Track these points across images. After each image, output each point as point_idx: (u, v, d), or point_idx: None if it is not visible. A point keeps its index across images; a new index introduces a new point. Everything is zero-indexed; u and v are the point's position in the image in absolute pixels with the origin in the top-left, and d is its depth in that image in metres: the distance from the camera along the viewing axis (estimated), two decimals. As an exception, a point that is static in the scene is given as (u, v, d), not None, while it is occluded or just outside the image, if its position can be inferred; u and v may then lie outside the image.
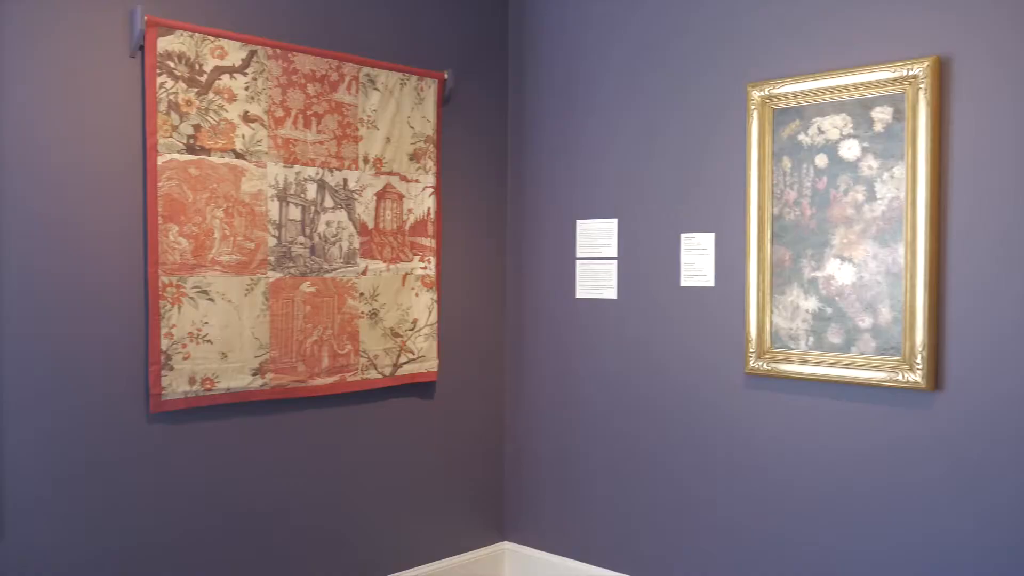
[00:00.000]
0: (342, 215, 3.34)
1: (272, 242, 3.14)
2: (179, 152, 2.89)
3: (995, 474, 2.65)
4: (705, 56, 3.31)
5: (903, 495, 2.84)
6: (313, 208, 3.25)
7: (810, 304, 3.00)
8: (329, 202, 3.30)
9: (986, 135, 2.67)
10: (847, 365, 2.92)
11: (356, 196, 3.38)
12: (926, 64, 2.72)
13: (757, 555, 3.19)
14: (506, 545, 4.00)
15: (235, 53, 3.02)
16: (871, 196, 2.86)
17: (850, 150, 2.90)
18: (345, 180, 3.34)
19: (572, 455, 3.76)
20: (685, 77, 3.37)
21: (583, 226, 3.70)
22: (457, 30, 3.77)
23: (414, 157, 3.56)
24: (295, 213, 3.20)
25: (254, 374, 3.09)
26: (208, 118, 2.96)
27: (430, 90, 3.60)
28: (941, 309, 2.75)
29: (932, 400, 2.77)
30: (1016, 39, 2.60)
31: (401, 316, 3.53)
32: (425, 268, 3.61)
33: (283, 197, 3.16)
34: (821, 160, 2.97)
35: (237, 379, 3.05)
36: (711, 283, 3.30)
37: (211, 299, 2.97)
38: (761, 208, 3.10)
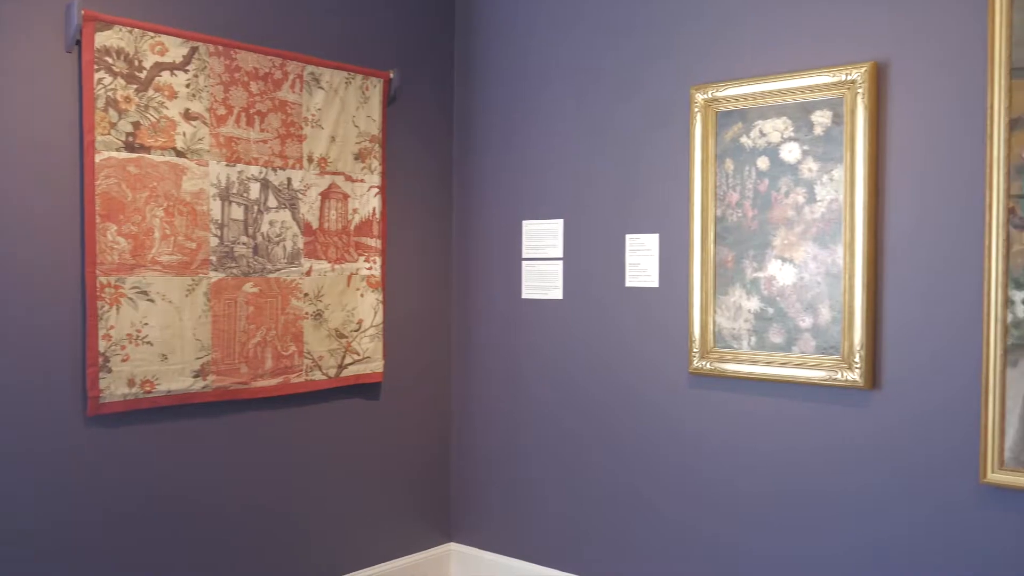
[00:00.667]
0: (286, 215, 3.30)
1: (214, 242, 3.09)
2: (118, 150, 2.83)
3: (929, 471, 2.72)
4: (650, 59, 3.34)
5: (843, 493, 2.89)
6: (256, 208, 3.21)
7: (752, 304, 3.05)
8: (273, 202, 3.26)
9: (921, 138, 2.73)
10: (788, 364, 2.97)
11: (300, 196, 3.34)
12: (864, 69, 2.78)
13: (701, 555, 3.22)
14: (452, 546, 4.00)
15: (176, 49, 2.97)
16: (811, 198, 2.91)
17: (791, 153, 2.96)
18: (289, 179, 3.31)
19: (518, 455, 3.77)
20: (630, 79, 3.40)
21: (529, 227, 3.71)
22: (403, 30, 3.75)
23: (359, 157, 3.54)
24: (238, 212, 3.16)
25: (195, 376, 3.04)
26: (148, 115, 2.90)
27: (375, 89, 3.58)
28: (878, 309, 2.82)
29: (869, 398, 2.83)
30: (948, 45, 2.67)
31: (346, 317, 3.50)
32: (370, 268, 3.58)
33: (225, 196, 3.12)
34: (763, 162, 3.02)
35: (178, 381, 2.99)
36: (656, 284, 3.33)
37: (151, 300, 2.92)
38: (704, 209, 3.14)
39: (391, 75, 3.63)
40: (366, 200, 3.57)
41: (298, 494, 3.42)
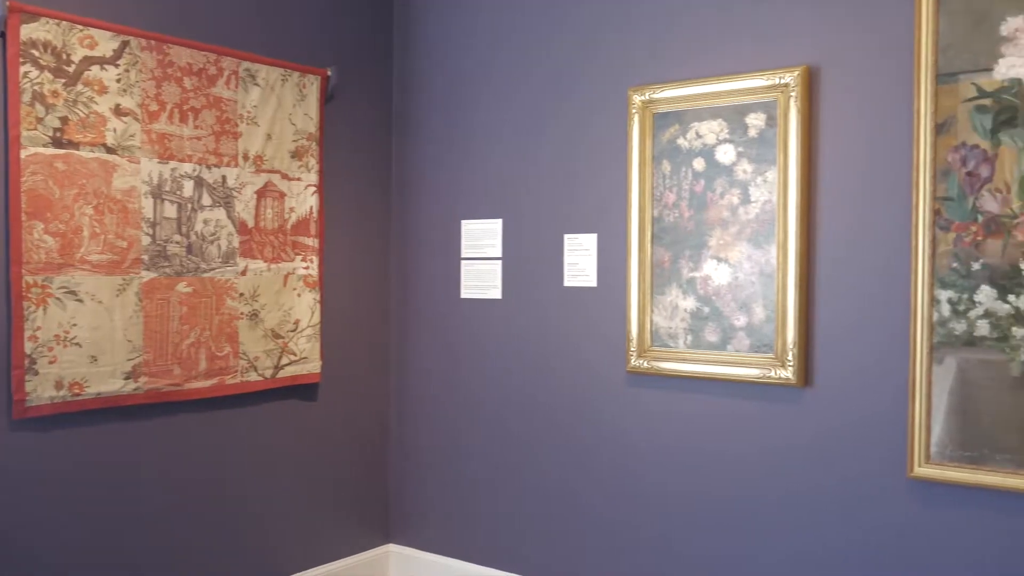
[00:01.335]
0: (220, 213, 3.25)
1: (146, 240, 3.02)
2: (44, 145, 2.76)
3: (860, 465, 2.79)
4: (588, 60, 3.37)
5: (776, 489, 2.95)
6: (190, 206, 3.15)
7: (688, 304, 3.09)
8: (207, 200, 3.20)
9: (851, 141, 2.80)
10: (723, 363, 3.01)
11: (235, 194, 3.29)
12: (796, 73, 2.84)
13: (638, 556, 3.26)
14: (391, 547, 3.97)
15: (106, 43, 2.90)
16: (745, 199, 2.96)
17: (726, 154, 3.00)
18: (224, 177, 3.25)
19: (458, 456, 3.76)
20: (569, 80, 3.42)
21: (468, 226, 3.71)
22: (341, 28, 3.72)
23: (296, 155, 3.49)
24: (171, 211, 3.09)
25: (126, 378, 2.97)
26: (76, 110, 2.83)
27: (312, 87, 3.54)
28: (811, 308, 2.88)
29: (802, 396, 2.89)
30: (877, 51, 2.74)
31: (283, 317, 3.46)
32: (307, 268, 3.54)
33: (158, 194, 3.05)
34: (699, 164, 3.06)
35: (108, 383, 2.92)
36: (594, 283, 3.35)
37: (80, 300, 2.85)
38: (642, 210, 3.17)
39: (329, 73, 3.60)
40: (303, 199, 3.53)
41: (233, 497, 3.37)
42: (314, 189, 3.56)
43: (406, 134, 3.92)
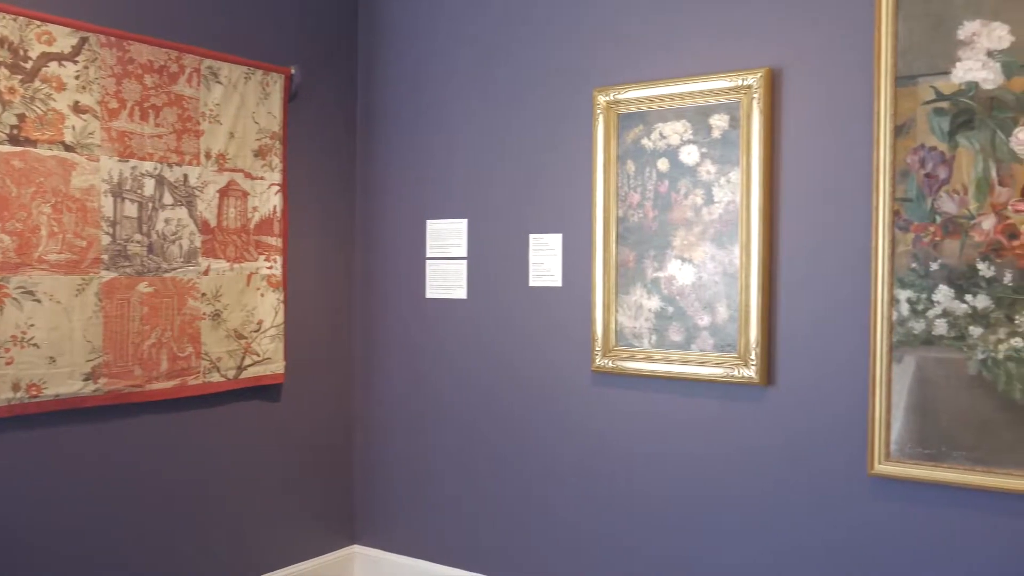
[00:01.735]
0: (182, 212, 3.21)
1: (106, 240, 2.98)
2: (1, 143, 2.71)
3: (821, 463, 2.82)
4: (554, 60, 3.37)
5: (739, 488, 2.97)
6: (151, 205, 3.11)
7: (653, 303, 3.11)
8: (168, 199, 3.16)
9: (813, 143, 2.83)
10: (687, 362, 3.03)
11: (197, 193, 3.25)
12: (759, 75, 2.86)
13: (603, 557, 3.27)
14: (356, 549, 3.95)
15: (64, 39, 2.85)
16: (709, 199, 2.98)
17: (690, 155, 3.02)
18: (186, 176, 3.21)
19: (423, 456, 3.75)
20: (534, 81, 3.42)
21: (433, 226, 3.70)
22: (305, 26, 3.69)
23: (259, 153, 3.46)
24: (131, 210, 3.05)
25: (86, 379, 2.93)
26: (34, 107, 2.78)
27: (276, 85, 3.52)
28: (773, 308, 2.90)
29: (765, 394, 2.92)
30: (838, 54, 2.77)
31: (245, 317, 3.43)
32: (271, 268, 3.51)
33: (118, 193, 3.01)
34: (663, 164, 3.07)
35: (67, 385, 2.88)
36: (559, 283, 3.36)
37: (37, 300, 2.80)
38: (607, 210, 3.19)
39: (292, 71, 3.57)
40: (266, 198, 3.50)
41: (196, 499, 3.33)
42: (278, 188, 3.53)
43: (371, 133, 3.90)
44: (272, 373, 3.54)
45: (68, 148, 2.87)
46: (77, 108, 2.89)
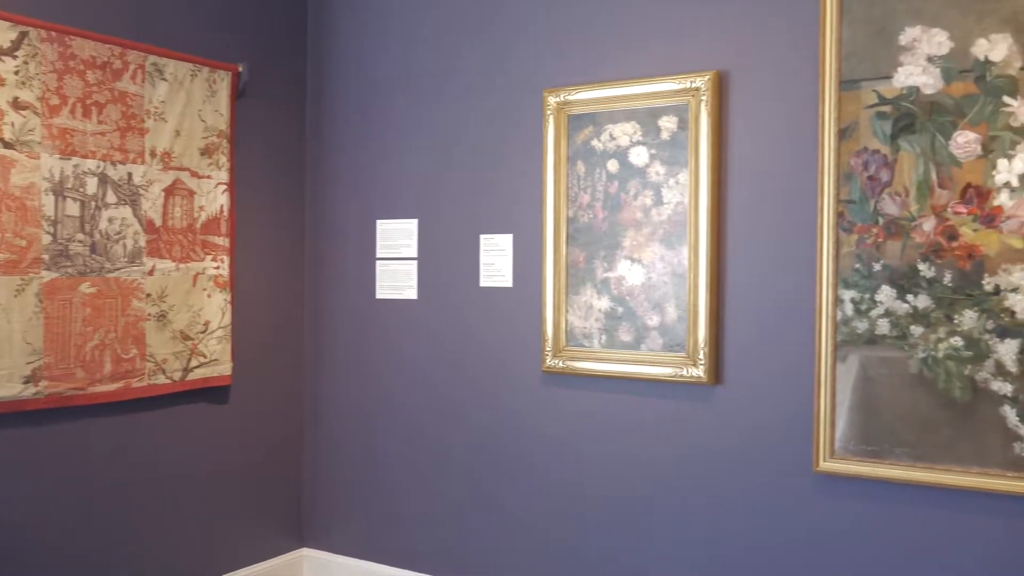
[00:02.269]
0: (126, 211, 3.15)
1: (47, 239, 2.91)
2: (-64, 140, 2.64)
3: (768, 461, 2.86)
4: (504, 61, 3.37)
5: (688, 486, 3.00)
6: (94, 203, 3.05)
7: (603, 303, 3.12)
8: (112, 197, 3.10)
9: (760, 145, 2.87)
10: (637, 362, 3.06)
11: (142, 191, 3.20)
12: (707, 78, 2.90)
13: (552, 558, 3.28)
14: (305, 551, 3.91)
15: (3, 34, 2.78)
16: (658, 200, 3.01)
17: (639, 156, 3.04)
18: (130, 174, 3.16)
19: (374, 457, 3.73)
20: (485, 81, 3.42)
21: (383, 226, 3.68)
22: (253, 23, 3.65)
23: (206, 152, 3.41)
24: (73, 209, 2.99)
25: (26, 382, 2.86)
26: (-29, 103, 2.71)
27: (223, 83, 3.47)
28: (721, 308, 2.94)
29: (713, 393, 2.95)
30: (783, 58, 2.81)
31: (192, 318, 3.38)
32: (218, 268, 3.47)
33: (59, 191, 2.94)
34: (613, 165, 3.09)
35: (6, 387, 2.81)
36: (509, 283, 3.36)
37: (-25, 301, 2.73)
38: (557, 211, 3.20)
39: (240, 69, 3.52)
40: (213, 197, 3.45)
41: (141, 504, 3.27)
42: (225, 187, 3.49)
43: (320, 132, 3.87)
44: (219, 375, 3.49)
45: (7, 145, 2.80)
46: (16, 104, 2.82)
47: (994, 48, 2.47)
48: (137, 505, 3.26)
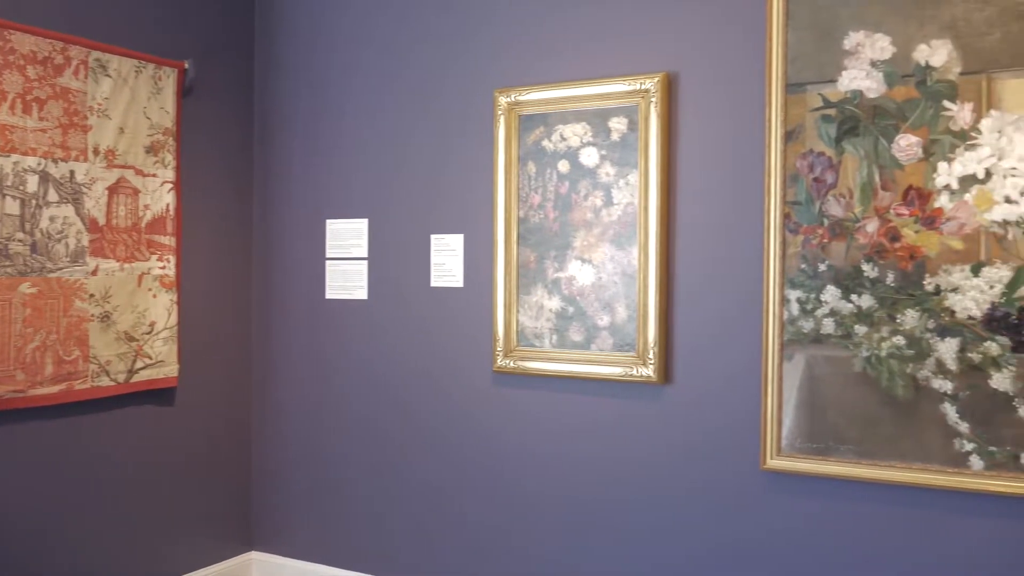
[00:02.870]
0: (69, 210, 3.08)
1: (-15, 238, 2.84)
2: None
3: (717, 459, 2.89)
4: (455, 61, 3.37)
5: (638, 486, 3.02)
6: (34, 202, 2.98)
7: (553, 304, 3.13)
8: (53, 196, 3.04)
9: (708, 146, 2.90)
10: (587, 362, 3.07)
11: (85, 190, 3.13)
12: (657, 79, 2.92)
13: (506, 556, 3.28)
14: (254, 555, 3.87)
15: (-61, 27, 2.71)
16: (608, 201, 3.03)
17: (589, 157, 3.06)
18: (72, 172, 3.09)
19: (324, 459, 3.70)
20: (437, 81, 3.41)
21: (333, 226, 3.65)
22: (200, 19, 3.59)
23: (151, 150, 3.36)
24: (12, 207, 2.92)
25: (-37, 385, 2.79)
26: (-95, 98, 2.63)
27: (169, 80, 3.41)
28: (670, 307, 2.96)
29: (662, 393, 2.98)
30: (731, 61, 2.85)
31: (137, 319, 3.32)
32: (164, 268, 3.41)
33: (-2, 189, 2.88)
34: (563, 166, 3.10)
35: (-58, 391, 2.74)
36: (460, 283, 3.36)
37: (-91, 302, 2.65)
38: (508, 211, 3.20)
39: (186, 65, 3.47)
40: (159, 196, 3.39)
41: (86, 508, 3.21)
42: (171, 186, 3.43)
43: (269, 131, 3.82)
44: (165, 376, 3.44)
45: (-57, 142, 2.73)
46: (-47, 100, 2.75)
47: (935, 54, 2.53)
48: (81, 510, 3.20)
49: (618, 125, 3.00)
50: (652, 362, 2.95)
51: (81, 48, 3.10)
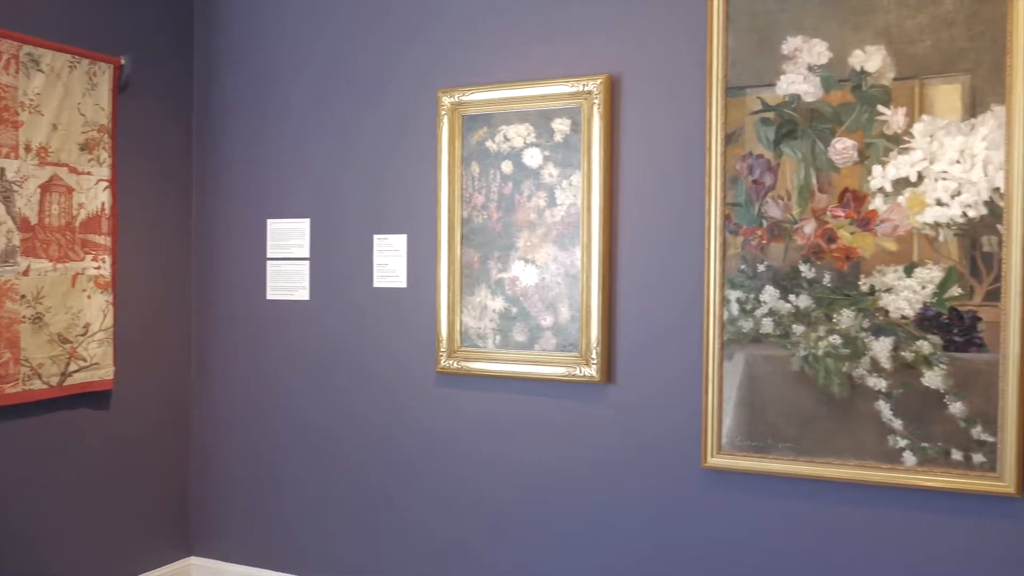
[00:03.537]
0: (-1, 209, 3.00)
1: (-90, 238, 2.75)
2: None
3: (659, 458, 2.92)
4: (399, 60, 3.35)
5: (582, 485, 3.04)
6: (-38, 200, 2.89)
7: (497, 304, 3.14)
8: (-18, 194, 2.95)
9: (650, 148, 2.93)
10: (531, 362, 3.08)
11: (16, 188, 3.05)
12: (599, 81, 2.94)
13: (449, 558, 3.27)
14: (193, 560, 3.80)
15: None
16: (552, 202, 3.04)
17: (533, 158, 3.07)
18: (3, 170, 3.00)
19: (265, 462, 3.65)
20: (380, 80, 3.39)
21: (274, 225, 3.60)
22: (136, 14, 3.52)
23: (86, 147, 3.28)
24: (-61, 205, 2.83)
25: None
26: None
27: (104, 76, 3.34)
28: (613, 308, 2.99)
29: (606, 392, 3.00)
30: (672, 63, 2.88)
31: (71, 320, 3.23)
32: (99, 268, 3.33)
33: (-76, 187, 2.78)
34: (507, 167, 3.11)
35: None
36: (403, 284, 3.34)
37: None
38: (451, 211, 3.19)
39: (122, 61, 3.40)
40: (94, 194, 3.31)
41: (19, 514, 3.12)
42: (106, 184, 3.35)
43: (209, 128, 3.76)
44: (100, 379, 3.36)
45: None
46: None
47: (869, 59, 2.58)
48: (14, 516, 3.11)
49: (561, 126, 3.02)
50: (595, 362, 2.97)
51: (12, 42, 3.01)
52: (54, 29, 3.19)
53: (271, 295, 3.62)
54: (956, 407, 2.50)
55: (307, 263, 3.54)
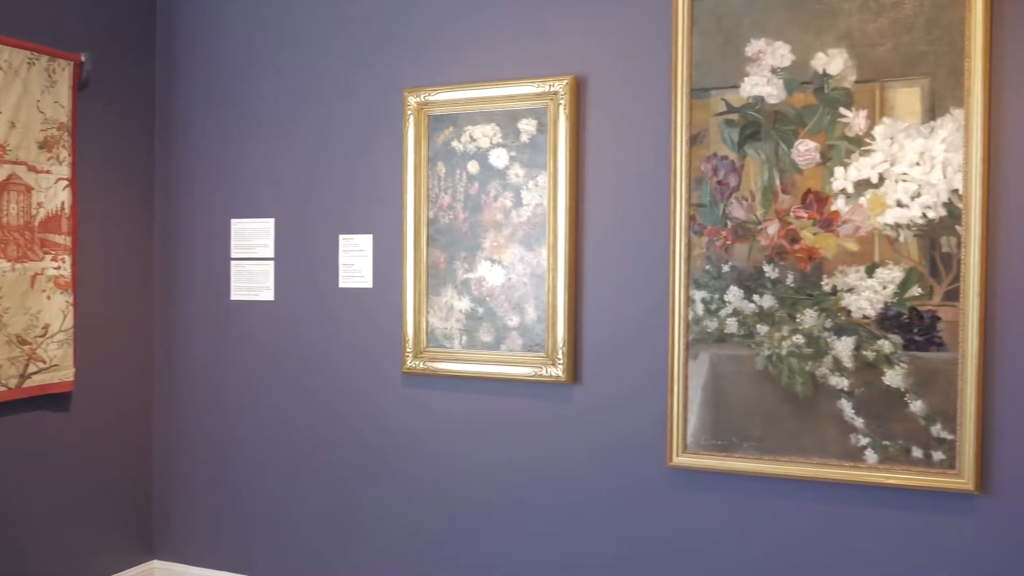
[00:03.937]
0: (-45, 208, 2.95)
1: None
2: None
3: (625, 457, 2.93)
4: (365, 60, 3.33)
5: (548, 484, 3.05)
6: (-83, 199, 2.84)
7: (463, 304, 3.13)
8: (-62, 193, 2.89)
9: (616, 149, 2.94)
10: (497, 362, 3.08)
11: (-27, 187, 2.99)
12: (565, 82, 2.95)
13: (417, 559, 3.26)
14: (156, 564, 3.76)
15: None
16: (518, 202, 3.04)
17: (499, 158, 3.07)
18: (-41, 168, 2.95)
19: (229, 464, 3.61)
20: (346, 79, 3.37)
21: (238, 225, 3.57)
22: (97, 10, 3.47)
23: (45, 145, 3.22)
24: None
25: None
26: None
27: (64, 73, 3.28)
28: (579, 308, 2.99)
29: (572, 392, 3.01)
30: (638, 65, 2.89)
31: (30, 321, 3.18)
32: (58, 268, 3.28)
33: None
34: (473, 167, 3.10)
35: None
36: (370, 284, 3.33)
37: None
38: (417, 211, 3.18)
39: (83, 59, 3.34)
40: (53, 193, 3.26)
41: (-29, 520, 3.07)
42: (66, 183, 3.30)
43: (171, 127, 3.72)
44: (60, 381, 3.31)
45: None
46: None
47: (831, 62, 2.61)
48: (-32, 522, 3.06)
49: (527, 127, 3.02)
50: (561, 362, 2.98)
51: (-32, 38, 2.96)
52: (12, 25, 3.13)
53: (235, 295, 3.58)
54: (916, 405, 2.54)
55: (272, 263, 3.51)
